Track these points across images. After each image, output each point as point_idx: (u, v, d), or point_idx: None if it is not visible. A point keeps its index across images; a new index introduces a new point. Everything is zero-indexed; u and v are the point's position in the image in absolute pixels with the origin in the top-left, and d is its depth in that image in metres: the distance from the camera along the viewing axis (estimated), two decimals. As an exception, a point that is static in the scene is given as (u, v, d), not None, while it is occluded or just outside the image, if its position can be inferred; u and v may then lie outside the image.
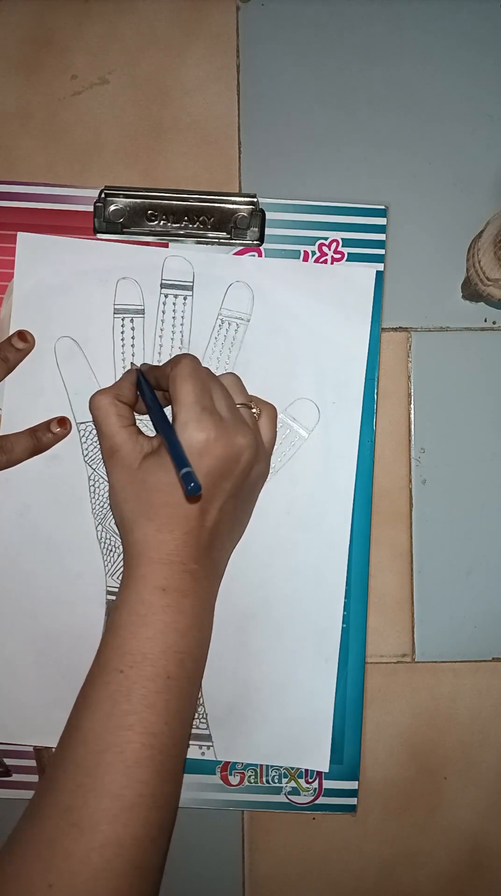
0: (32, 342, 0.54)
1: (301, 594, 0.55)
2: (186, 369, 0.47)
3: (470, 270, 0.55)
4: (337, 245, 0.56)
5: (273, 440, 0.53)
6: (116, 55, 0.56)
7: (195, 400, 0.46)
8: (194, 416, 0.46)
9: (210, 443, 0.46)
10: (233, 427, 0.47)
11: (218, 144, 0.57)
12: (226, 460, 0.46)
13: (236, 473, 0.47)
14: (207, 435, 0.46)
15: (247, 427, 0.48)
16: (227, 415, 0.47)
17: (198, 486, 0.42)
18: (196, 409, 0.46)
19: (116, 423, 0.49)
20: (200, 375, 0.48)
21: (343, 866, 0.56)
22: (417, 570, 0.56)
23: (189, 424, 0.46)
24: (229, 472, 0.47)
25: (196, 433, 0.45)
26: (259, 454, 0.50)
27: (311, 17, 0.57)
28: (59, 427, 0.54)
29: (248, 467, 0.48)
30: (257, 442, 0.49)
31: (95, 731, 0.44)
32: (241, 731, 0.55)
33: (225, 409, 0.48)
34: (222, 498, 0.47)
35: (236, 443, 0.47)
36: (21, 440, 0.53)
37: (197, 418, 0.46)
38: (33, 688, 0.54)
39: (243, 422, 0.48)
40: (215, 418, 0.46)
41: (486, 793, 0.57)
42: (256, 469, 0.50)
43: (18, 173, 0.56)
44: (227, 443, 0.46)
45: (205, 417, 0.46)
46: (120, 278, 0.55)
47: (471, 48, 0.57)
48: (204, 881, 0.56)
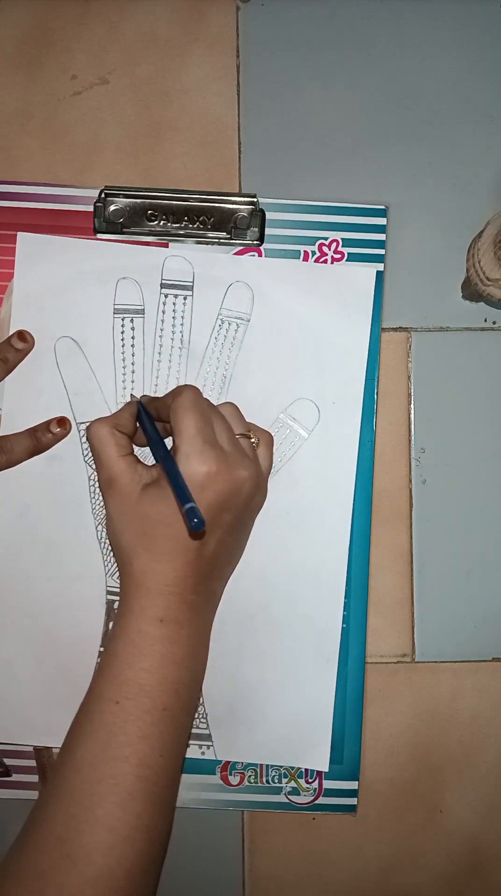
0: (32, 342, 0.54)
1: (301, 594, 0.55)
2: (187, 401, 0.47)
3: (470, 270, 0.55)
4: (337, 245, 0.56)
5: (270, 467, 0.53)
6: (116, 55, 0.56)
7: (197, 432, 0.46)
8: (196, 448, 0.46)
9: (212, 476, 0.46)
10: (235, 460, 0.47)
11: (218, 144, 0.57)
12: (227, 493, 0.46)
13: (236, 506, 0.47)
14: (208, 468, 0.45)
15: (248, 459, 0.48)
16: (228, 447, 0.47)
17: (202, 521, 0.42)
18: (198, 442, 0.46)
19: (115, 453, 0.49)
20: (201, 407, 0.47)
21: (343, 866, 0.56)
22: (417, 570, 0.56)
23: (191, 457, 0.45)
24: (230, 504, 0.47)
25: (198, 466, 0.45)
26: (259, 485, 0.50)
27: (311, 17, 0.57)
28: (58, 427, 0.54)
29: (248, 499, 0.48)
30: (256, 472, 0.49)
31: (89, 761, 0.44)
32: (241, 730, 0.55)
33: (226, 441, 0.48)
34: (222, 530, 0.48)
35: (238, 476, 0.47)
36: (21, 440, 0.53)
37: (199, 451, 0.46)
38: (33, 688, 0.54)
39: (244, 454, 0.48)
40: (217, 451, 0.46)
41: (486, 793, 0.57)
42: (254, 499, 0.50)
43: (18, 173, 0.56)
44: (228, 476, 0.46)
45: (207, 450, 0.46)
46: (120, 278, 0.55)
47: (471, 48, 0.57)
48: (204, 881, 0.56)
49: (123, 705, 0.44)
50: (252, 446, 0.51)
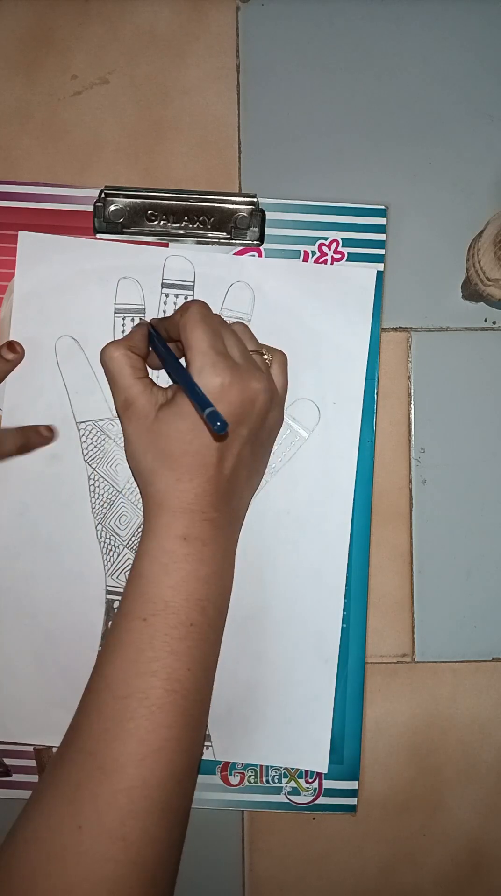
0: (22, 353, 0.54)
1: (301, 595, 0.55)
2: (196, 315, 0.47)
3: (470, 270, 0.55)
4: (337, 245, 0.56)
5: (285, 386, 0.52)
6: (116, 55, 0.56)
7: (209, 346, 0.46)
8: (209, 361, 0.46)
9: (226, 387, 0.45)
10: (247, 372, 0.47)
11: (218, 144, 0.57)
12: (242, 405, 0.46)
13: (252, 418, 0.47)
14: (222, 379, 0.45)
15: (261, 372, 0.48)
16: (240, 360, 0.47)
17: (225, 423, 0.41)
18: (210, 355, 0.46)
19: (131, 375, 0.49)
20: (211, 321, 0.47)
21: (343, 866, 0.56)
22: (417, 570, 0.56)
23: (204, 370, 0.45)
24: (245, 416, 0.47)
25: (212, 378, 0.45)
26: (274, 399, 0.50)
27: (311, 17, 0.57)
28: (48, 432, 0.54)
29: (264, 412, 0.48)
30: (271, 387, 0.49)
31: (119, 677, 0.44)
32: (239, 731, 0.55)
33: (238, 354, 0.48)
34: (240, 444, 0.47)
35: (252, 387, 0.47)
36: (11, 435, 0.53)
37: (212, 363, 0.45)
38: (32, 687, 0.54)
39: (256, 367, 0.48)
40: (230, 363, 0.46)
41: (486, 793, 0.57)
42: (271, 415, 0.50)
43: (18, 173, 0.56)
44: (242, 387, 0.46)
45: (219, 362, 0.46)
46: (121, 278, 0.55)
47: (471, 48, 0.57)
48: (204, 881, 0.56)
49: (150, 622, 0.45)
50: (266, 363, 0.50)
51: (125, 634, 0.45)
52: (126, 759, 0.42)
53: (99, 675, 0.45)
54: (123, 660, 0.45)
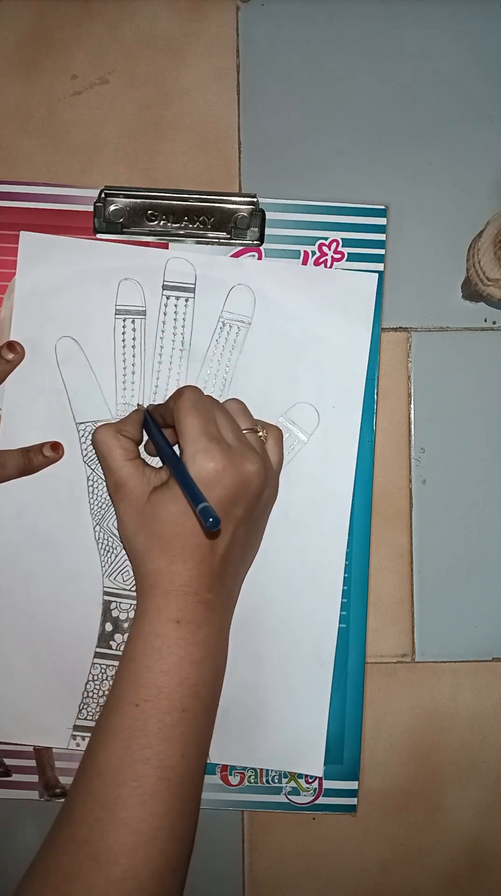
0: (22, 353, 0.54)
1: (298, 598, 0.55)
2: (188, 402, 0.47)
3: (470, 270, 0.55)
4: (337, 245, 0.56)
5: (281, 462, 0.53)
6: (116, 55, 0.56)
7: (201, 431, 0.46)
8: (202, 446, 0.46)
9: (219, 472, 0.46)
10: (241, 454, 0.47)
11: (218, 144, 0.56)
12: (236, 488, 0.46)
13: (246, 500, 0.47)
14: (215, 464, 0.45)
15: (255, 453, 0.48)
16: (234, 442, 0.47)
17: (217, 520, 0.42)
18: (203, 440, 0.46)
19: (121, 457, 0.49)
20: (203, 405, 0.48)
21: (343, 866, 0.56)
22: (417, 570, 0.56)
23: (197, 456, 0.46)
24: (239, 499, 0.47)
25: (205, 463, 0.45)
26: (268, 478, 0.50)
27: (311, 17, 0.57)
28: (51, 451, 0.54)
29: (258, 493, 0.48)
30: (265, 466, 0.49)
31: (112, 763, 0.44)
32: (235, 734, 0.55)
33: (231, 436, 0.48)
34: (234, 525, 0.47)
35: (246, 469, 0.47)
36: (13, 457, 0.53)
37: (204, 448, 0.46)
38: (30, 687, 0.54)
39: (250, 448, 0.48)
40: (223, 447, 0.46)
41: (486, 793, 0.57)
42: (265, 493, 0.50)
43: (18, 173, 0.56)
44: (236, 471, 0.46)
45: (212, 447, 0.46)
46: (122, 279, 0.55)
47: (471, 48, 0.57)
48: (204, 881, 0.56)
49: (143, 708, 0.45)
50: (260, 441, 0.51)
51: (118, 720, 0.45)
52: (119, 849, 0.42)
53: (92, 761, 0.45)
54: (116, 746, 0.44)
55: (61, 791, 0.55)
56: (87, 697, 0.54)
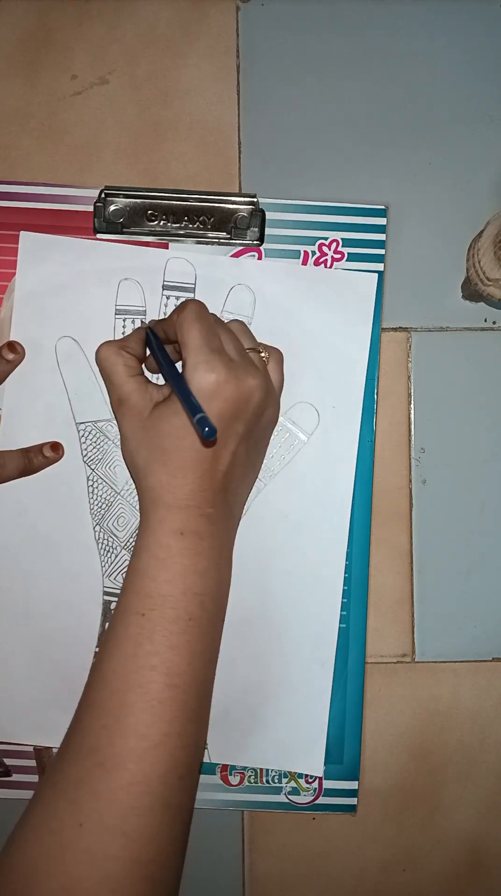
0: (22, 353, 0.54)
1: (298, 598, 0.55)
2: (192, 313, 0.47)
3: (470, 270, 0.55)
4: (337, 245, 0.56)
5: (282, 383, 0.52)
6: (116, 55, 0.56)
7: (203, 342, 0.46)
8: (203, 357, 0.46)
9: (221, 384, 0.45)
10: (243, 368, 0.47)
11: (218, 144, 0.56)
12: (237, 402, 0.46)
13: (247, 415, 0.47)
14: (217, 376, 0.45)
15: (257, 368, 0.48)
16: (236, 356, 0.47)
17: (213, 430, 0.41)
18: (205, 351, 0.46)
19: (124, 373, 0.49)
20: (207, 318, 0.47)
21: (343, 866, 0.57)
22: (417, 570, 0.56)
23: (199, 367, 0.45)
24: (240, 413, 0.47)
25: (206, 375, 0.45)
26: (270, 396, 0.50)
27: (311, 17, 0.57)
28: (51, 451, 0.54)
29: (259, 409, 0.48)
30: (267, 383, 0.49)
31: (118, 672, 0.44)
32: (235, 734, 0.55)
33: (234, 350, 0.48)
34: (235, 440, 0.47)
35: (247, 384, 0.47)
36: (13, 458, 0.53)
37: (206, 360, 0.45)
38: (29, 687, 0.54)
39: (252, 363, 0.48)
40: (225, 359, 0.46)
41: (486, 793, 0.57)
42: (267, 412, 0.50)
43: (18, 173, 0.56)
44: (237, 384, 0.46)
45: (214, 359, 0.46)
46: (122, 279, 0.55)
47: (471, 48, 0.57)
48: (204, 881, 0.56)
49: (149, 616, 0.45)
50: (263, 360, 0.50)
51: (123, 630, 0.45)
52: (126, 754, 0.42)
53: (98, 672, 0.45)
54: (122, 655, 0.44)
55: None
56: (87, 697, 0.54)
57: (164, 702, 0.43)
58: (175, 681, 0.44)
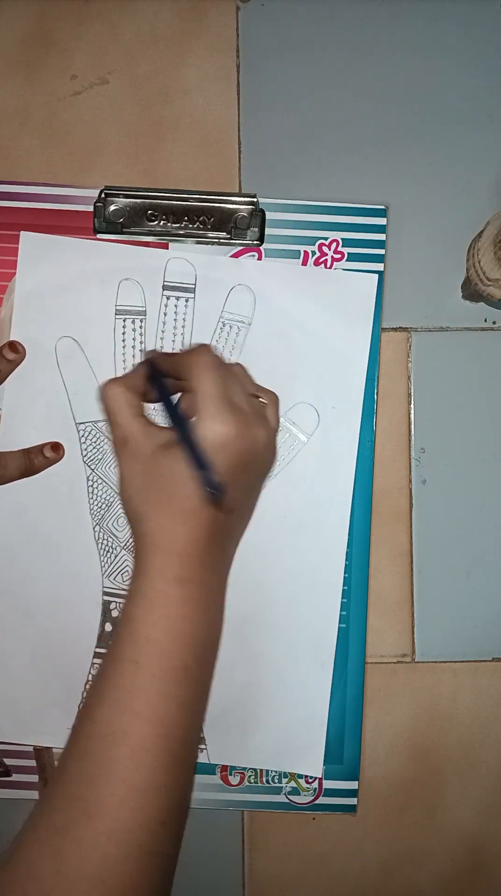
0: (23, 353, 0.54)
1: (298, 598, 0.55)
2: (208, 359, 0.47)
3: (470, 270, 0.55)
4: (337, 245, 0.56)
5: (278, 426, 0.52)
6: (116, 55, 0.56)
7: (218, 392, 0.46)
8: (216, 408, 0.45)
9: (232, 437, 0.45)
10: (252, 419, 0.47)
11: (218, 144, 0.56)
12: (245, 453, 0.46)
13: (252, 466, 0.47)
14: (229, 429, 0.45)
15: (265, 420, 0.48)
16: (246, 407, 0.47)
17: (222, 491, 0.42)
18: (218, 402, 0.45)
19: (128, 413, 0.48)
20: (221, 366, 0.47)
21: (343, 866, 0.57)
22: (417, 570, 0.56)
23: (212, 418, 0.45)
24: (247, 465, 0.47)
25: (219, 426, 0.45)
26: (273, 444, 0.50)
27: (311, 17, 0.57)
28: (52, 452, 0.54)
29: (264, 459, 0.48)
30: (273, 433, 0.49)
31: (107, 719, 0.44)
32: (234, 734, 0.55)
33: (243, 400, 0.47)
34: (239, 490, 0.47)
35: (256, 435, 0.46)
36: (15, 459, 0.53)
37: (219, 411, 0.45)
38: (29, 687, 0.54)
39: (261, 414, 0.48)
40: (236, 412, 0.46)
41: (486, 793, 0.57)
42: (268, 459, 0.50)
43: (18, 173, 0.56)
44: (248, 437, 0.46)
45: (227, 411, 0.45)
46: (122, 279, 0.55)
47: (471, 48, 0.57)
48: (204, 881, 0.56)
49: (142, 664, 0.44)
50: (262, 406, 0.50)
51: (116, 677, 0.44)
52: (109, 800, 0.41)
53: (86, 718, 0.44)
54: (112, 702, 0.44)
55: (61, 791, 0.55)
56: (87, 697, 0.54)
57: (150, 749, 0.43)
58: (164, 730, 0.43)
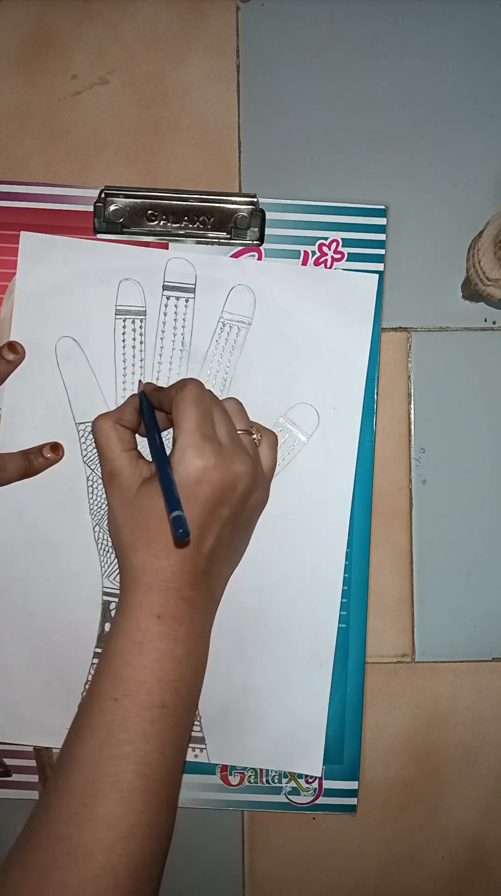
0: (23, 353, 0.54)
1: (298, 598, 0.55)
2: (190, 395, 0.47)
3: (470, 270, 0.55)
4: (337, 245, 0.56)
5: (273, 467, 0.53)
6: (116, 55, 0.56)
7: (196, 426, 0.46)
8: (194, 442, 0.46)
9: (208, 470, 0.46)
10: (232, 454, 0.47)
11: (218, 144, 0.56)
12: (223, 488, 0.47)
13: (232, 500, 0.47)
14: (205, 462, 0.46)
15: (246, 454, 0.48)
16: (227, 441, 0.48)
17: (187, 532, 0.42)
18: (196, 436, 0.46)
19: (117, 448, 0.49)
20: (203, 401, 0.48)
21: (343, 866, 0.57)
22: (417, 570, 0.56)
23: (188, 451, 0.46)
24: (226, 499, 0.47)
25: (194, 460, 0.46)
26: (257, 481, 0.50)
27: (311, 17, 0.57)
28: (51, 452, 0.54)
29: (245, 494, 0.48)
30: (255, 469, 0.49)
31: (90, 759, 0.44)
32: (233, 734, 0.55)
33: (225, 435, 0.48)
34: (219, 525, 0.47)
35: (234, 470, 0.47)
36: (14, 460, 0.53)
37: (196, 444, 0.46)
38: (28, 687, 0.54)
39: (242, 449, 0.48)
40: (214, 445, 0.46)
41: (486, 793, 0.57)
42: (254, 496, 0.50)
43: (18, 173, 0.56)
44: (225, 470, 0.46)
45: (204, 444, 0.46)
46: (122, 279, 0.55)
47: (471, 48, 0.57)
48: (204, 881, 0.56)
49: (122, 703, 0.44)
50: (254, 443, 0.51)
51: (97, 715, 0.45)
52: (96, 845, 0.41)
53: (69, 756, 0.44)
54: (94, 742, 0.44)
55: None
56: (87, 697, 0.54)
57: (134, 792, 0.43)
58: (146, 770, 0.43)
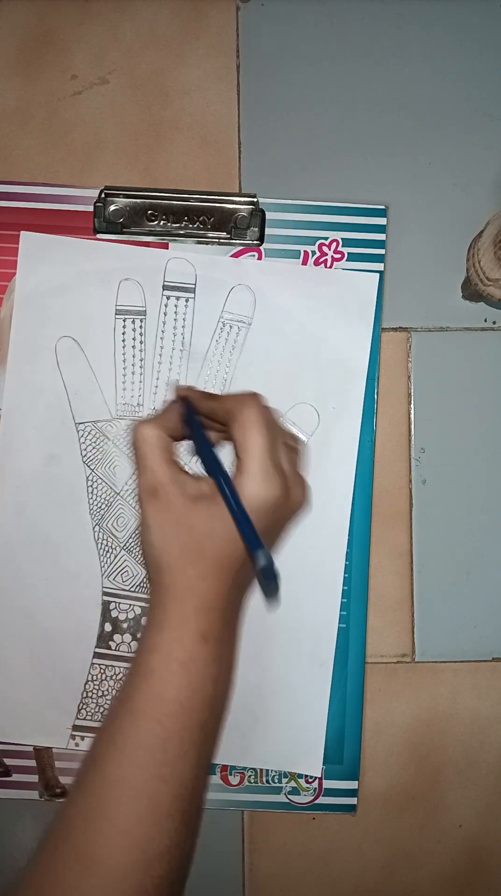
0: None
1: (298, 598, 0.55)
2: (260, 416, 0.44)
3: (470, 270, 0.55)
4: (337, 245, 0.56)
5: None
6: (116, 55, 0.56)
7: (267, 453, 0.44)
8: (264, 469, 0.43)
9: (276, 503, 0.44)
10: (294, 483, 0.46)
11: (218, 144, 0.56)
12: (285, 518, 0.46)
13: (287, 526, 0.47)
14: (274, 495, 0.44)
15: (304, 481, 0.47)
16: (288, 469, 0.46)
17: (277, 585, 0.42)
18: (267, 464, 0.44)
19: (161, 458, 0.45)
20: (272, 424, 0.45)
21: (343, 866, 0.56)
22: (417, 570, 0.56)
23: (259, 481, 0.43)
24: (282, 526, 0.47)
25: (265, 491, 0.43)
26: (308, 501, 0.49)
27: (311, 17, 0.57)
28: None
29: (298, 519, 0.48)
30: (309, 493, 0.48)
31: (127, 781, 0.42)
32: (234, 734, 0.55)
33: (287, 462, 0.46)
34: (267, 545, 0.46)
35: (297, 499, 0.46)
36: None
37: (266, 476, 0.43)
38: (28, 687, 0.54)
39: (301, 476, 0.47)
40: (282, 476, 0.44)
41: (486, 793, 0.57)
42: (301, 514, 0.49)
43: (18, 173, 0.56)
44: (289, 501, 0.45)
45: (274, 475, 0.44)
46: (122, 279, 0.55)
47: (471, 48, 0.57)
48: (204, 881, 0.56)
49: (164, 724, 0.42)
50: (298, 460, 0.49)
51: (135, 735, 0.42)
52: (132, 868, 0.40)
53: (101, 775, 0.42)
54: (132, 763, 0.42)
55: (61, 791, 0.55)
56: (86, 697, 0.54)
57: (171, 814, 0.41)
58: (183, 792, 0.42)
